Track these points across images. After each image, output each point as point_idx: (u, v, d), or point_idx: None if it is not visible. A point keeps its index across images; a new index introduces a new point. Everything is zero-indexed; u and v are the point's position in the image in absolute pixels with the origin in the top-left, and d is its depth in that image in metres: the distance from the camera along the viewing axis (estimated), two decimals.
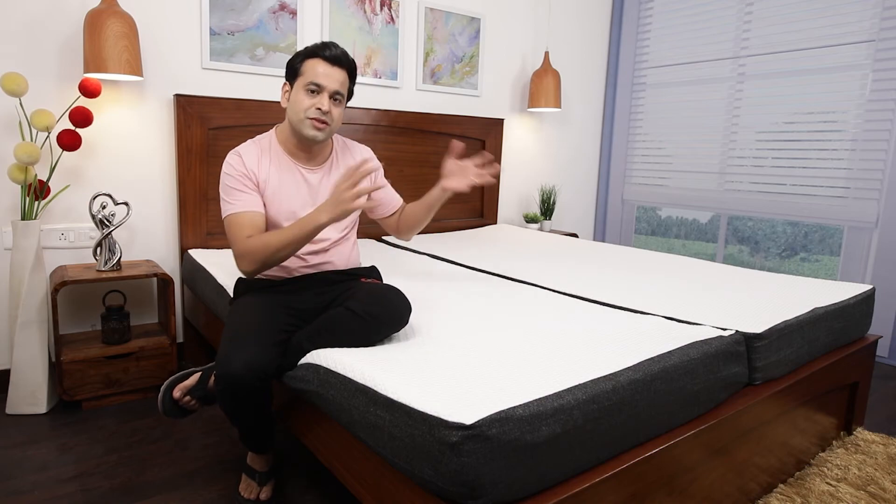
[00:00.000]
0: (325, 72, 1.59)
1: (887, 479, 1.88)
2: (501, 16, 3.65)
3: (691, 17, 3.84)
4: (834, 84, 3.21)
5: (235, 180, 1.64)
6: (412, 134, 3.27)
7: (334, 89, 1.61)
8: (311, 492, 1.75)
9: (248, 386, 1.37)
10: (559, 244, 3.07)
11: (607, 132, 4.33)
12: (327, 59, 1.60)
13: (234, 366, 1.36)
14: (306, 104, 1.60)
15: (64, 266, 2.38)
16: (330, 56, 1.60)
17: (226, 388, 1.38)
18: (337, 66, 1.61)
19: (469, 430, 1.02)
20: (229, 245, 1.95)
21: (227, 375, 1.36)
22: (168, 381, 1.62)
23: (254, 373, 1.37)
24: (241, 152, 1.67)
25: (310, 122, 1.61)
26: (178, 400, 1.61)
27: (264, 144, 1.71)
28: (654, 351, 1.42)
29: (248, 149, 1.69)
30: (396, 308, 1.50)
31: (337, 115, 1.64)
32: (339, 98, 1.64)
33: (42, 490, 1.71)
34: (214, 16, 2.63)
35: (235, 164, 1.65)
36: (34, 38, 2.28)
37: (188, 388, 1.61)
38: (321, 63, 1.60)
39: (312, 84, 1.59)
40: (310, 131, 1.62)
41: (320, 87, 1.59)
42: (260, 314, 1.52)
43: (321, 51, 1.60)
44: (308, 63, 1.61)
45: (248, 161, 1.66)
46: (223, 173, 1.66)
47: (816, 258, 3.53)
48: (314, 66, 1.60)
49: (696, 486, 1.47)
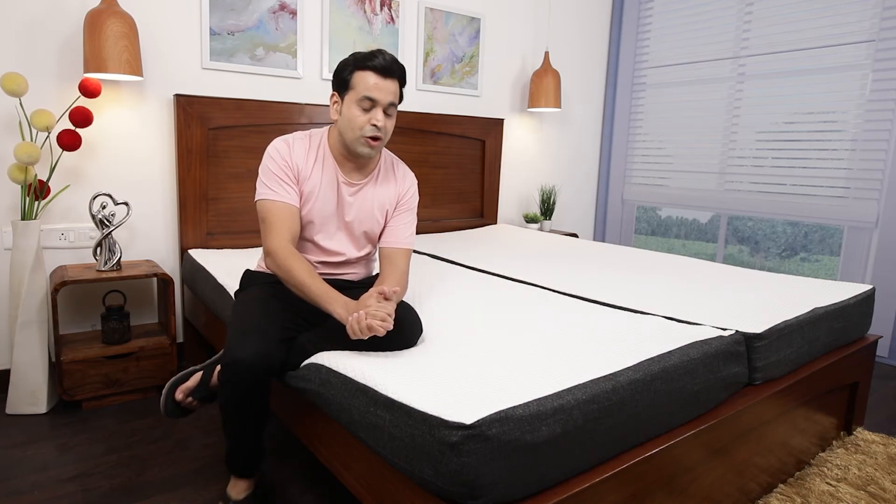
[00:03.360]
0: (377, 84, 1.51)
1: (887, 479, 1.88)
2: (501, 16, 3.65)
3: (691, 17, 3.84)
4: (834, 84, 3.21)
5: (279, 167, 1.58)
6: (412, 134, 3.27)
7: (389, 101, 1.53)
8: (311, 492, 1.75)
9: (256, 375, 1.36)
10: (559, 244, 3.07)
11: (607, 132, 4.33)
12: (379, 71, 1.51)
13: (245, 353, 1.34)
14: (361, 121, 1.53)
15: (64, 266, 2.38)
16: (382, 67, 1.51)
17: (233, 376, 1.36)
18: (389, 77, 1.53)
19: (469, 429, 1.02)
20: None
21: (236, 362, 1.34)
22: (170, 383, 1.62)
23: (263, 361, 1.36)
24: (291, 143, 1.62)
25: (364, 140, 1.55)
26: (181, 402, 1.61)
27: (315, 142, 1.65)
28: (654, 351, 1.42)
29: (298, 141, 1.63)
30: (407, 332, 1.45)
31: (390, 128, 1.58)
32: (393, 109, 1.57)
33: (42, 490, 1.71)
34: (214, 16, 2.63)
35: (282, 152, 1.59)
36: (34, 38, 2.28)
37: (190, 390, 1.61)
38: (373, 75, 1.51)
39: (366, 99, 1.52)
40: (364, 149, 1.56)
41: (374, 101, 1.52)
42: (268, 310, 1.51)
43: (370, 60, 1.51)
44: (359, 75, 1.52)
45: (295, 153, 1.60)
46: (267, 157, 1.60)
47: (816, 258, 3.53)
48: (365, 79, 1.51)
49: (696, 486, 1.47)
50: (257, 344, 1.37)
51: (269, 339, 1.40)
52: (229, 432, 1.49)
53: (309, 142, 1.64)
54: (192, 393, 1.61)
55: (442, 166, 3.43)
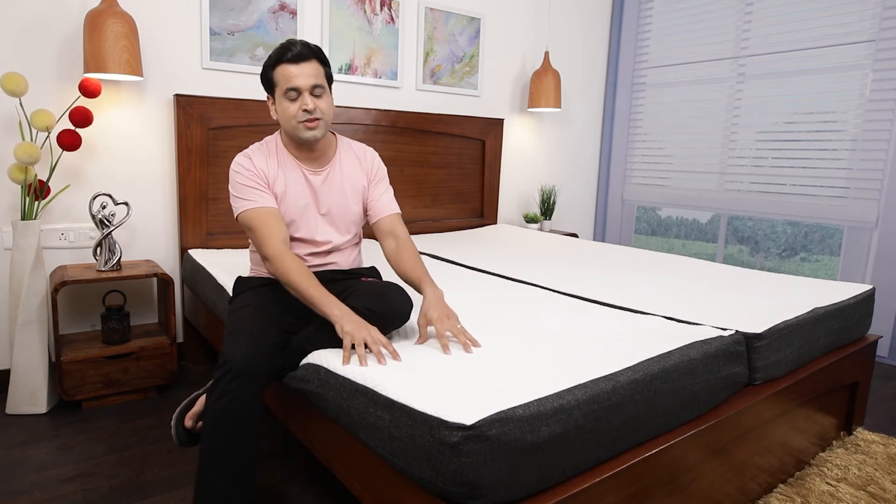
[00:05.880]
0: (294, 73, 1.57)
1: (887, 479, 1.88)
2: (501, 16, 3.65)
3: (691, 17, 3.84)
4: (834, 84, 3.21)
5: (247, 178, 1.63)
6: (412, 134, 3.26)
7: (311, 84, 1.58)
8: (311, 492, 1.75)
9: (253, 376, 1.35)
10: (559, 244, 3.07)
11: (607, 132, 4.33)
12: (292, 60, 1.57)
13: (238, 352, 1.35)
14: (292, 110, 1.59)
15: (64, 266, 2.38)
16: (294, 56, 1.57)
17: (227, 373, 1.33)
18: (304, 62, 1.58)
19: (469, 430, 1.02)
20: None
21: (233, 361, 1.33)
22: (178, 412, 1.62)
23: (261, 361, 1.36)
24: (250, 154, 1.67)
25: (302, 125, 1.60)
26: (192, 428, 1.61)
27: (271, 147, 1.70)
28: (654, 351, 1.42)
29: (255, 151, 1.69)
30: (398, 304, 1.51)
31: (325, 107, 1.62)
32: (321, 90, 1.61)
33: (42, 490, 1.71)
34: (214, 16, 2.63)
35: (246, 164, 1.64)
36: (34, 38, 2.28)
37: (198, 414, 1.61)
38: (288, 66, 1.57)
39: (290, 90, 1.58)
40: (306, 133, 1.61)
41: (298, 89, 1.58)
42: (262, 314, 1.52)
43: (284, 54, 1.58)
44: (277, 71, 1.59)
45: (257, 162, 1.65)
46: (233, 173, 1.64)
47: (816, 258, 3.53)
48: (283, 72, 1.58)
49: (696, 486, 1.47)
50: (253, 346, 1.37)
51: (264, 340, 1.41)
52: (210, 451, 1.34)
53: (266, 148, 1.70)
54: (201, 417, 1.60)
55: (442, 166, 3.43)
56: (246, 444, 1.36)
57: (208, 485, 1.34)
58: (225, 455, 1.34)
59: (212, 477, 1.34)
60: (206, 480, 1.34)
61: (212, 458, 1.35)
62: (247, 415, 1.35)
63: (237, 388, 1.34)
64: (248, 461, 1.36)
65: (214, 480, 1.34)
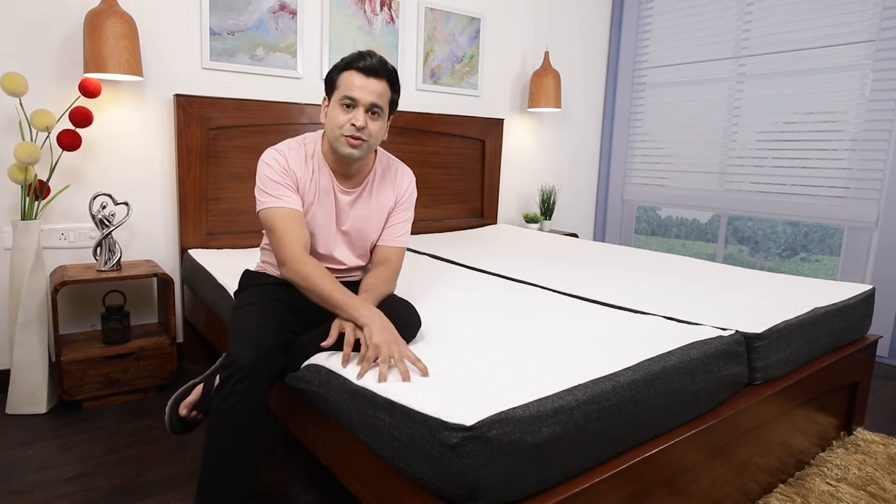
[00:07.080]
0: (360, 84, 1.50)
1: (887, 479, 1.88)
2: (501, 16, 3.65)
3: (691, 17, 3.84)
4: (834, 84, 3.21)
5: (278, 174, 1.57)
6: (412, 134, 3.26)
7: (370, 102, 1.51)
8: (311, 492, 1.75)
9: (259, 377, 1.33)
10: (559, 244, 3.07)
11: (607, 132, 4.33)
12: (362, 70, 1.51)
13: (244, 354, 1.32)
14: (341, 120, 1.52)
15: (64, 266, 2.38)
16: (365, 67, 1.51)
17: (234, 374, 1.32)
18: (373, 76, 1.51)
19: (469, 431, 1.02)
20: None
21: (240, 363, 1.31)
22: (172, 400, 1.60)
23: (268, 362, 1.35)
24: (286, 152, 1.60)
25: (345, 139, 1.53)
26: (185, 417, 1.59)
27: (309, 151, 1.64)
28: (654, 351, 1.42)
29: (293, 151, 1.62)
30: (406, 325, 1.47)
31: (375, 131, 1.55)
32: (378, 112, 1.54)
33: (42, 490, 1.71)
34: (214, 16, 2.63)
35: (279, 160, 1.58)
36: (34, 38, 2.28)
37: (193, 403, 1.59)
38: (356, 75, 1.51)
39: (347, 98, 1.51)
40: (345, 149, 1.55)
41: (355, 100, 1.51)
42: (267, 312, 1.50)
43: (356, 61, 1.51)
44: (344, 75, 1.53)
45: (292, 162, 1.59)
46: (263, 165, 1.58)
47: (816, 258, 3.53)
48: (349, 79, 1.51)
49: (696, 486, 1.48)
50: (260, 344, 1.36)
51: (270, 341, 1.39)
52: (213, 451, 1.33)
53: (304, 150, 1.64)
54: (195, 406, 1.59)
55: (442, 166, 3.43)
56: (250, 445, 1.35)
57: (210, 484, 1.34)
58: (229, 455, 1.34)
59: (214, 476, 1.34)
60: (209, 480, 1.34)
61: (215, 458, 1.34)
62: (252, 415, 1.35)
63: (244, 389, 1.32)
64: (250, 461, 1.36)
65: (217, 480, 1.34)
